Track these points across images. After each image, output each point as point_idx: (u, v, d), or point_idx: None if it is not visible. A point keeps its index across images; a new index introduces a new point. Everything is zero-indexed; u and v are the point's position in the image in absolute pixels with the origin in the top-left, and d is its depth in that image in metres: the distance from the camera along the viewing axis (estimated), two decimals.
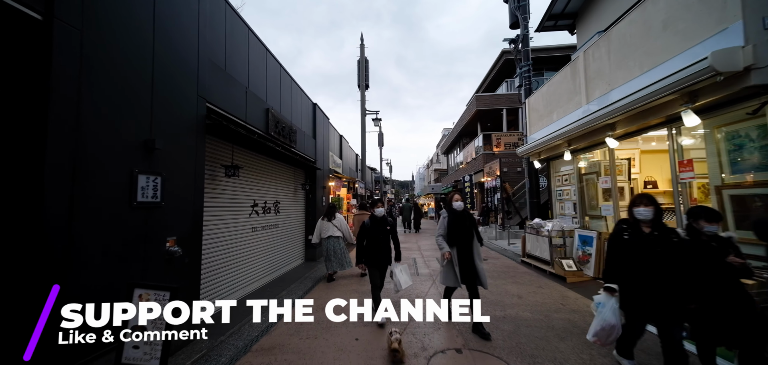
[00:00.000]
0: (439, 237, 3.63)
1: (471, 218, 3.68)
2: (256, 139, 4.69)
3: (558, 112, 6.54)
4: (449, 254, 3.50)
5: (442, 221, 3.67)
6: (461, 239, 3.53)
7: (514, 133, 15.06)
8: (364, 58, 13.71)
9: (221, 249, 4.45)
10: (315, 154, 8.64)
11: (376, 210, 4.02)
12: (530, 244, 7.36)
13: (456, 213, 3.58)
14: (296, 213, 7.74)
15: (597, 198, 6.17)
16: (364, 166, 13.51)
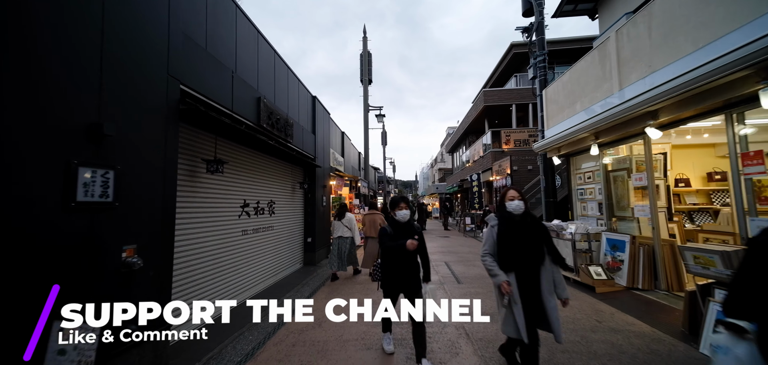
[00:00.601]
0: (487, 255, 2.42)
1: (540, 227, 2.40)
2: (245, 130, 4.11)
3: (582, 101, 5.89)
4: (508, 286, 2.27)
5: (490, 232, 2.45)
6: (523, 261, 2.29)
7: (525, 130, 14.40)
8: (366, 51, 13.13)
9: (202, 256, 3.87)
10: (314, 150, 8.07)
11: (398, 212, 2.85)
12: None
13: (513, 219, 2.33)
14: (294, 214, 7.17)
15: (627, 197, 5.52)
16: (367, 164, 12.94)
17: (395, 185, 55.20)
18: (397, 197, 3.00)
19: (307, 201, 7.92)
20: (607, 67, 5.11)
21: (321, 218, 8.45)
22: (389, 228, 2.89)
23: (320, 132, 8.71)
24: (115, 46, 2.40)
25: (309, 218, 7.86)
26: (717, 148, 6.46)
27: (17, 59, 1.84)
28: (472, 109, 17.92)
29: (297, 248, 7.32)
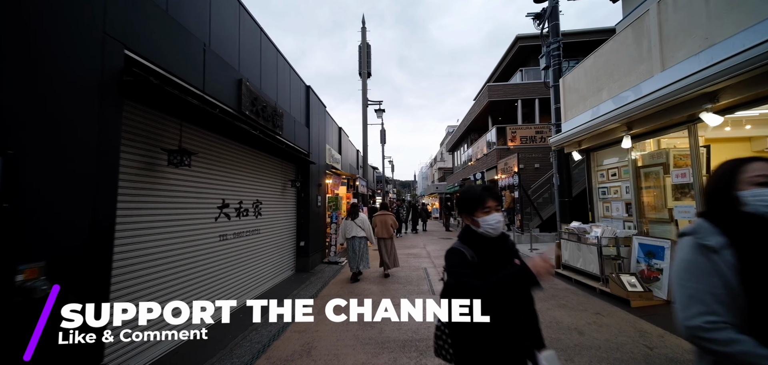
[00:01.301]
0: (723, 327, 0.97)
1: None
2: (220, 115, 3.39)
3: (610, 88, 5.21)
4: None
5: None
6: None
7: (531, 126, 13.74)
8: (365, 43, 12.43)
9: (162, 269, 3.15)
10: (308, 145, 7.35)
11: (486, 218, 1.43)
12: (569, 253, 6.04)
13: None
14: (284, 215, 6.45)
15: (663, 196, 4.84)
16: (366, 161, 12.24)
17: (394, 185, 54.49)
18: (476, 190, 1.49)
19: (300, 201, 7.20)
20: (644, 45, 4.43)
21: (316, 219, 7.73)
22: (469, 251, 1.41)
23: (315, 126, 7.99)
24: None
25: (302, 220, 7.14)
26: (754, 141, 5.80)
27: None
28: (475, 105, 17.24)
29: (288, 253, 6.60)
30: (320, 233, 8.08)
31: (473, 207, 1.46)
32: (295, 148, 6.19)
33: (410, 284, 5.68)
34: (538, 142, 13.40)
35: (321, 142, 8.56)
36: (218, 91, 3.65)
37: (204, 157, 3.84)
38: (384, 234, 6.31)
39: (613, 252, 5.04)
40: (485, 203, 1.44)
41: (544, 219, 11.30)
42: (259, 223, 5.24)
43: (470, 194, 1.52)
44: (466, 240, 1.47)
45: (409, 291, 5.32)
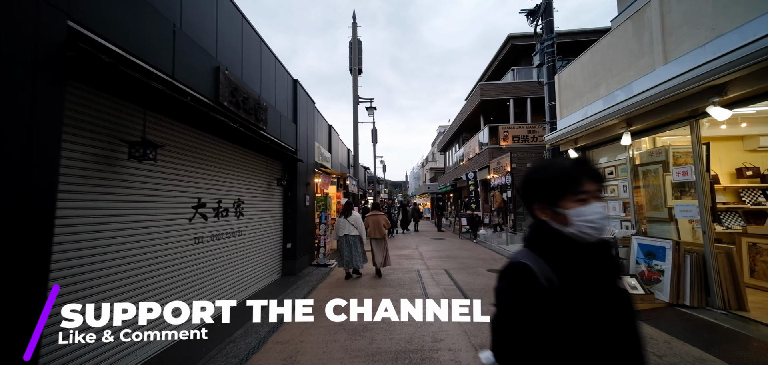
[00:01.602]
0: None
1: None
2: (191, 104, 3.04)
3: (609, 83, 5.05)
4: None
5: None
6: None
7: (523, 126, 13.67)
8: (356, 39, 12.12)
9: (121, 273, 2.79)
10: (296, 142, 7.00)
11: (585, 211, 0.85)
12: None
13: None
14: (270, 216, 6.09)
15: (663, 195, 4.70)
16: (357, 160, 11.92)
17: (385, 185, 54.21)
18: (562, 165, 0.93)
19: (286, 201, 6.84)
20: (645, 38, 4.27)
21: (304, 220, 7.39)
22: (543, 267, 0.84)
23: (303, 122, 7.64)
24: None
25: (289, 220, 6.79)
26: (746, 140, 5.76)
27: None
28: (467, 104, 17.13)
29: (274, 255, 6.24)
30: (308, 234, 7.73)
31: (557, 193, 0.87)
32: (281, 144, 5.85)
33: (402, 287, 5.40)
34: (530, 142, 13.34)
35: (309, 139, 8.21)
36: (191, 78, 3.30)
37: (175, 151, 3.48)
38: (377, 234, 6.25)
39: None
40: (580, 184, 0.86)
41: None
42: (240, 224, 4.88)
43: (551, 171, 0.93)
44: (540, 247, 0.88)
45: (401, 295, 5.05)
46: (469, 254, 8.93)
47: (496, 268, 6.99)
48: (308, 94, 8.22)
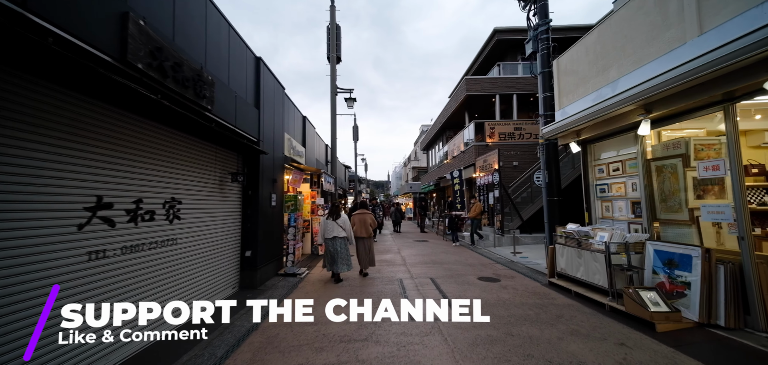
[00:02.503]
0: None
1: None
2: (54, 48, 1.99)
3: (622, 64, 4.40)
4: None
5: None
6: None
7: (510, 122, 13.17)
8: (334, 24, 11.10)
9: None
10: (258, 131, 5.94)
11: None
12: (566, 260, 5.20)
13: None
14: (222, 218, 5.01)
15: (681, 194, 4.08)
16: (334, 155, 10.93)
17: (367, 185, 53.20)
18: None
19: (246, 200, 5.77)
20: (671, 7, 3.61)
21: (268, 222, 6.34)
22: None
23: (269, 109, 6.58)
24: None
25: (249, 223, 5.72)
26: (749, 136, 5.32)
27: None
28: (451, 100, 16.51)
29: (228, 267, 5.16)
30: (275, 239, 6.68)
31: None
32: (236, 131, 4.79)
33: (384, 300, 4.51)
34: (516, 139, 12.85)
35: (277, 129, 7.15)
36: (70, 21, 2.24)
37: (50, 127, 2.40)
38: (363, 233, 6.08)
39: (624, 261, 4.21)
40: None
41: (525, 220, 10.67)
42: (175, 230, 3.80)
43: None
44: None
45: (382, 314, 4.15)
46: (455, 259, 8.17)
47: (486, 276, 6.24)
48: (276, 79, 7.16)
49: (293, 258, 6.73)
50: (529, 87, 13.76)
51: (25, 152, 2.24)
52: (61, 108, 2.48)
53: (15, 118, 2.18)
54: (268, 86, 6.58)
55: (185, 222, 4.00)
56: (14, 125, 2.18)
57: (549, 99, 7.05)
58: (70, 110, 2.55)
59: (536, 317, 3.99)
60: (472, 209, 10.40)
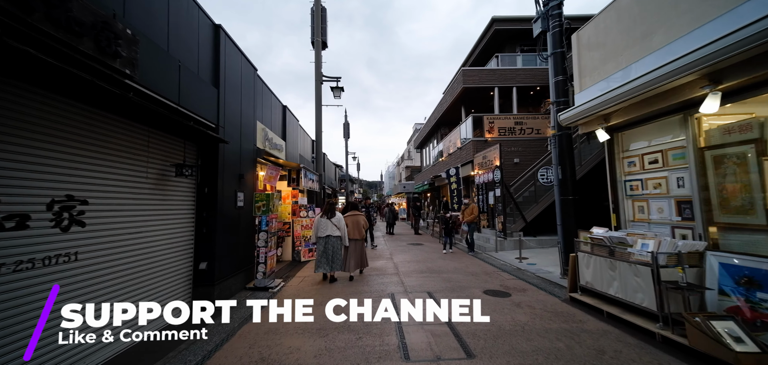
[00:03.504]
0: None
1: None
2: None
3: (673, 26, 3.46)
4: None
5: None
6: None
7: (510, 116, 12.27)
8: (319, 5, 10.02)
9: None
10: (218, 115, 4.85)
11: None
12: (593, 273, 4.25)
13: None
14: (162, 223, 3.89)
15: (757, 189, 3.14)
16: (320, 151, 9.84)
17: (360, 184, 52.02)
18: None
19: (202, 200, 4.67)
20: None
21: (233, 227, 5.25)
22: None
23: (233, 90, 5.49)
24: None
25: (205, 228, 4.62)
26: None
27: None
28: (447, 94, 15.57)
29: (171, 286, 4.05)
30: (241, 247, 5.58)
31: None
32: (179, 109, 3.70)
33: (370, 333, 3.47)
34: (517, 134, 11.96)
35: (247, 116, 6.05)
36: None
37: None
38: (356, 235, 5.94)
39: (680, 278, 3.26)
40: None
41: (528, 222, 9.76)
42: (72, 241, 2.69)
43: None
44: None
45: (368, 348, 3.12)
46: (454, 266, 7.18)
47: (494, 288, 5.27)
48: (245, 56, 6.06)
49: (265, 268, 5.64)
50: (529, 79, 12.90)
51: None
52: None
53: None
54: (232, 62, 5.47)
55: (93, 229, 2.88)
56: None
57: (562, 84, 6.12)
58: None
59: (570, 353, 3.00)
60: (466, 211, 9.33)
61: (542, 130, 11.93)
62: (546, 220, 10.15)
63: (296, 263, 8.13)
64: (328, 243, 5.57)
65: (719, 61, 2.79)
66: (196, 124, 4.08)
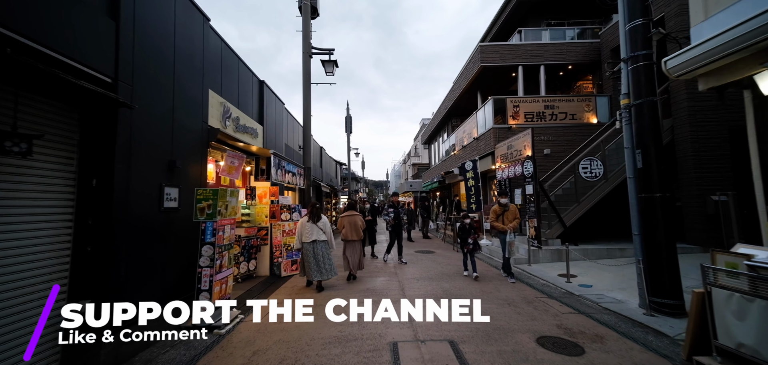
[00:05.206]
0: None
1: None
2: None
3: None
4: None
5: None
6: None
7: (538, 99, 10.27)
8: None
9: None
10: (116, 61, 3.06)
11: None
12: (757, 330, 2.33)
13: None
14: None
15: None
16: (308, 139, 8.05)
17: (365, 183, 50.17)
18: None
19: (86, 199, 2.89)
20: None
21: (154, 239, 3.47)
22: None
23: (154, 33, 3.71)
24: None
25: (90, 245, 2.84)
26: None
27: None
28: (461, 77, 13.60)
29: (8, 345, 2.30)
30: (169, 269, 3.80)
31: None
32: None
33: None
34: (547, 120, 9.98)
35: (190, 81, 4.28)
36: None
37: None
38: (353, 236, 5.79)
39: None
40: None
41: (567, 226, 7.80)
42: None
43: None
44: None
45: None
46: (481, 289, 5.29)
47: (551, 335, 3.39)
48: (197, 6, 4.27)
49: (209, 296, 3.85)
50: (561, 55, 10.89)
51: None
52: None
53: None
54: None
55: None
56: None
57: (641, 30, 4.19)
58: None
59: None
60: (507, 215, 5.93)
61: (578, 115, 9.91)
62: (588, 224, 8.18)
63: (275, 279, 6.37)
64: (317, 247, 5.21)
65: None
66: (51, 65, 2.30)
